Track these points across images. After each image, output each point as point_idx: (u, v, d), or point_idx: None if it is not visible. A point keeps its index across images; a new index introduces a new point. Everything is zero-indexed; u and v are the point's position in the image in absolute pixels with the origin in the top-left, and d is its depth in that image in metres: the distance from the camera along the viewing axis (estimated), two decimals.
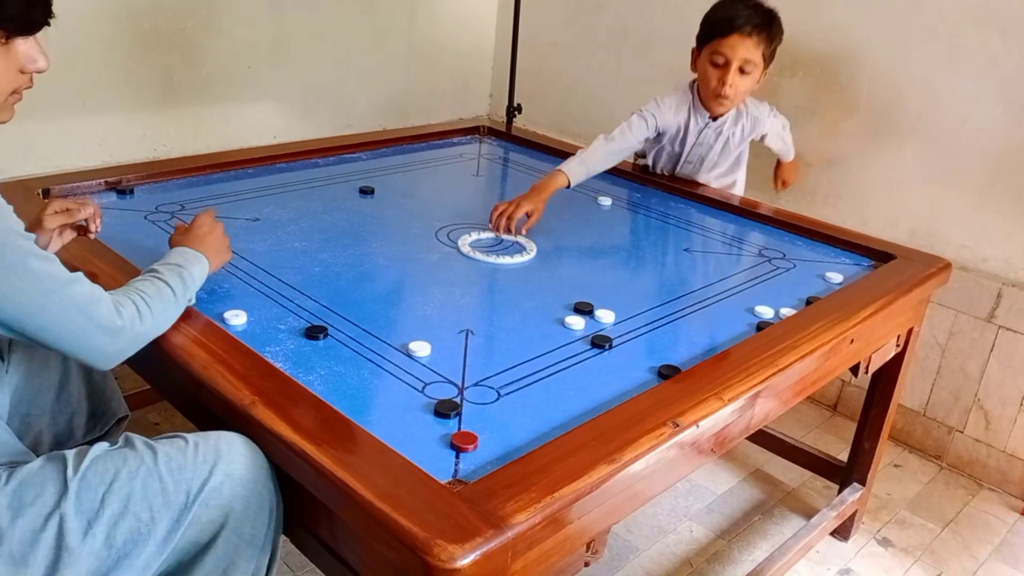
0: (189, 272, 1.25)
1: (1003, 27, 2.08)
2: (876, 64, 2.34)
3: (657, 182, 2.23)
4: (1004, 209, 2.18)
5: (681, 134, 2.15)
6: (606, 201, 2.10)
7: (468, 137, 2.60)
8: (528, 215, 1.82)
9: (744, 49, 1.91)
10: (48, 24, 1.10)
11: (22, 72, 1.11)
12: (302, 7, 2.72)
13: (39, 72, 1.13)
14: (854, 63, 2.38)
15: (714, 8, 1.99)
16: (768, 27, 1.92)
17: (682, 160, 2.21)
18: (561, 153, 2.44)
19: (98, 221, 1.42)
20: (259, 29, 2.64)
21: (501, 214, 1.81)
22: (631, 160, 2.34)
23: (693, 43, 2.08)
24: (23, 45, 1.09)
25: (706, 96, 2.04)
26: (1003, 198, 2.17)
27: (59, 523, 0.98)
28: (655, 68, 2.89)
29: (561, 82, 3.20)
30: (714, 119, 2.09)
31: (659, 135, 2.16)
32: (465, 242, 1.75)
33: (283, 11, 2.68)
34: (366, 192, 2.00)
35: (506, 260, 1.69)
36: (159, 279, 1.21)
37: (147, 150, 2.51)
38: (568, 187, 1.97)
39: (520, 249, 1.73)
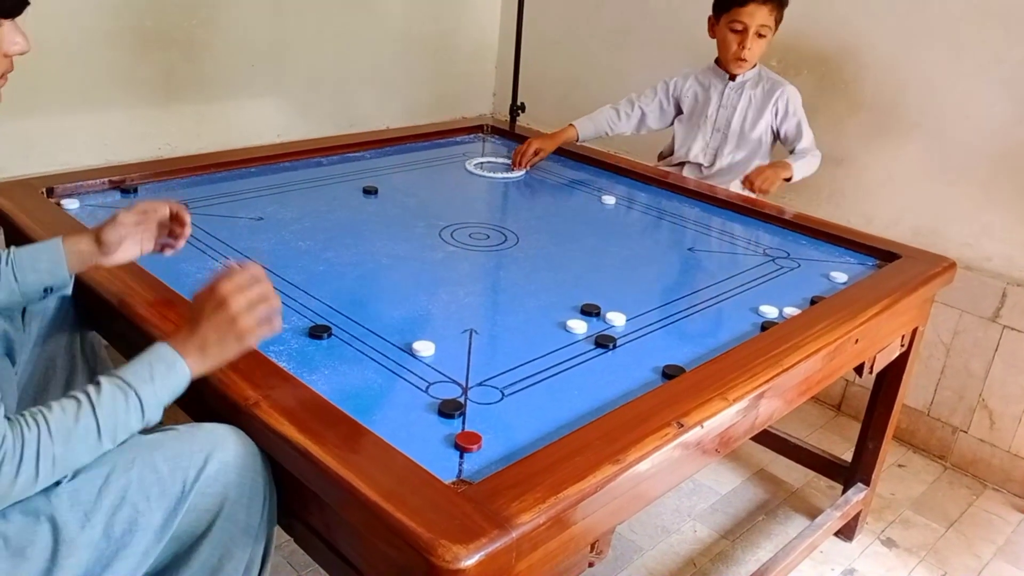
0: (134, 400, 1.01)
1: (1007, 23, 2.08)
2: (880, 61, 2.34)
3: (660, 180, 2.22)
4: (1008, 207, 2.17)
5: (704, 99, 2.32)
6: (610, 200, 2.09)
7: (472, 136, 2.60)
8: (537, 152, 2.28)
9: (760, 15, 2.12)
10: (28, 4, 1.10)
11: (5, 56, 1.10)
12: (305, 5, 2.72)
13: (21, 54, 1.12)
14: (858, 61, 2.37)
15: None
16: None
17: (711, 130, 2.30)
18: (564, 152, 2.44)
19: (184, 235, 1.34)
20: (262, 27, 2.64)
21: (517, 151, 2.28)
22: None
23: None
24: (4, 28, 1.09)
25: (726, 60, 2.24)
26: (1007, 196, 2.17)
27: (55, 516, 0.98)
28: (658, 66, 2.88)
29: (564, 80, 3.20)
30: (732, 79, 2.26)
31: (679, 109, 2.37)
32: (472, 162, 2.22)
33: (286, 9, 2.68)
34: (369, 192, 2.00)
35: (500, 175, 2.21)
36: (89, 412, 0.98)
37: (149, 148, 2.51)
38: (576, 140, 2.40)
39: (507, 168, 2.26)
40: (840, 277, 1.71)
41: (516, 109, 2.83)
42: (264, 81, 2.70)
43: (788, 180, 2.16)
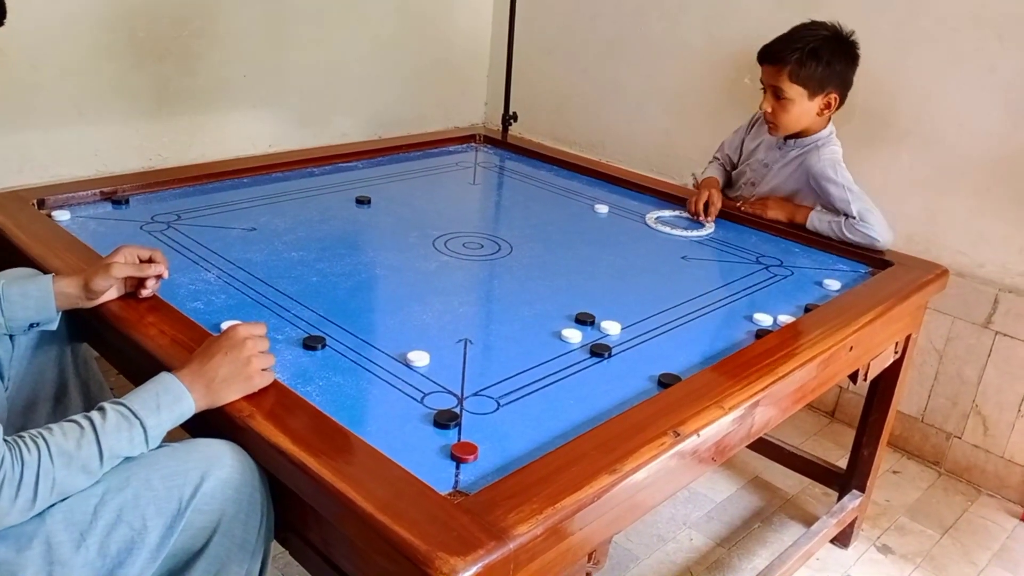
0: (138, 430, 1.02)
1: (1000, 31, 2.09)
2: (872, 69, 2.34)
3: (652, 189, 2.23)
4: (1001, 214, 2.18)
5: (752, 148, 2.16)
6: (603, 208, 2.10)
7: (464, 145, 2.60)
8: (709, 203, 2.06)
9: (769, 75, 1.96)
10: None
11: None
12: (297, 16, 2.72)
13: None
14: None
15: None
16: (800, 58, 1.89)
17: (745, 183, 2.17)
18: (557, 161, 2.44)
19: (164, 275, 1.34)
20: (254, 38, 2.64)
21: (698, 203, 2.05)
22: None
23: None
24: None
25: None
26: (1000, 203, 2.18)
27: (49, 537, 0.97)
28: (651, 77, 2.90)
29: (557, 90, 3.20)
30: (785, 142, 2.07)
31: (741, 153, 2.21)
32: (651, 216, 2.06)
33: (278, 20, 2.68)
34: (363, 202, 2.00)
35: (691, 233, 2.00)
36: (92, 439, 0.99)
37: (142, 159, 2.51)
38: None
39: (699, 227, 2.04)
40: (833, 285, 1.72)
41: (508, 119, 2.84)
42: (257, 92, 2.70)
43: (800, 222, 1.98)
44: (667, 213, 2.09)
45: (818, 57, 1.90)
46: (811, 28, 1.96)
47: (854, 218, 1.90)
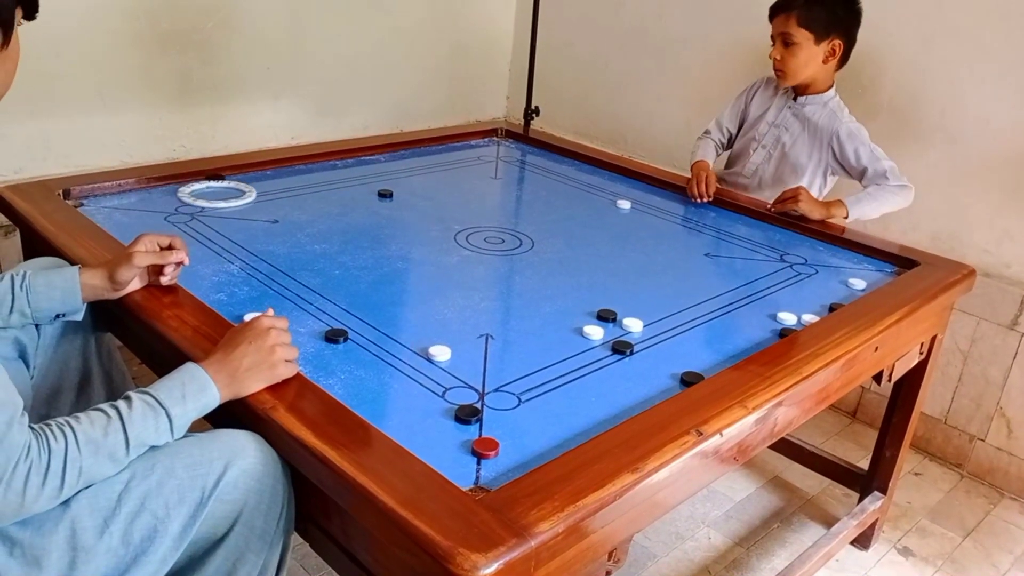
0: (163, 419, 1.03)
1: None
2: (897, 65, 2.32)
3: (675, 185, 2.21)
4: None
5: (763, 113, 2.25)
6: (625, 204, 2.09)
7: (486, 139, 2.59)
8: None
9: (779, 23, 2.08)
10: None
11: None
12: (320, 8, 2.72)
13: None
14: (877, 65, 2.35)
15: None
16: (809, 4, 2.03)
17: (758, 146, 2.24)
18: (579, 156, 2.43)
19: (185, 262, 1.36)
20: (277, 29, 2.65)
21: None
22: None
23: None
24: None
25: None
26: None
27: (73, 523, 0.98)
28: (674, 69, 2.88)
29: (579, 84, 3.19)
30: (795, 99, 2.18)
31: (742, 122, 2.32)
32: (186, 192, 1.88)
33: (301, 11, 2.68)
34: (384, 195, 2.00)
35: None
36: (119, 427, 1.00)
37: (165, 150, 2.52)
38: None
39: None
40: (859, 284, 1.70)
41: (530, 113, 2.83)
42: (280, 83, 2.71)
43: (845, 217, 2.01)
44: None
45: (823, 2, 2.04)
46: None
47: (886, 179, 2.04)
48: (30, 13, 1.11)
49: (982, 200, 2.22)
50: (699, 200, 2.12)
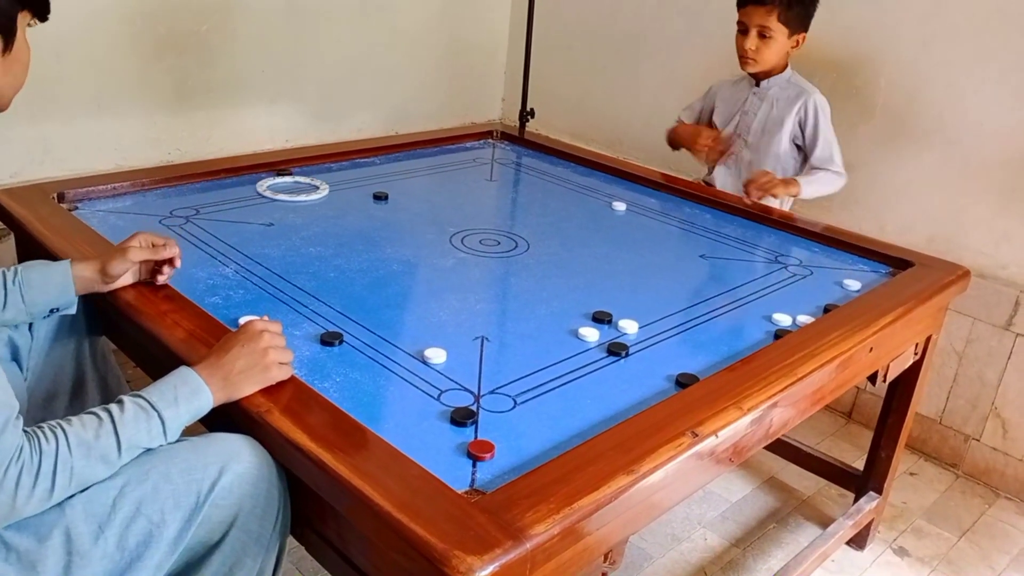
0: (156, 422, 1.03)
1: None
2: (893, 67, 2.32)
3: (670, 187, 2.21)
4: None
5: (730, 100, 2.32)
6: (620, 206, 2.09)
7: (481, 141, 2.59)
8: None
9: (758, 16, 2.10)
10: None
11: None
12: (316, 11, 2.72)
13: None
14: (871, 66, 2.36)
15: None
16: None
17: (737, 139, 2.28)
18: (575, 158, 2.44)
19: (176, 264, 1.37)
20: (273, 33, 2.65)
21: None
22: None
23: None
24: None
25: (739, 61, 2.22)
26: (1023, 204, 2.15)
27: (68, 528, 0.98)
28: (671, 72, 2.89)
29: (575, 87, 3.19)
30: (758, 84, 2.24)
31: (708, 115, 2.37)
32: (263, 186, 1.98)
33: (297, 15, 2.68)
34: (380, 198, 2.00)
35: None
36: (110, 430, 1.00)
37: (161, 153, 2.52)
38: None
39: None
40: (853, 285, 1.70)
41: (526, 115, 2.83)
42: (275, 87, 2.71)
43: (796, 196, 2.15)
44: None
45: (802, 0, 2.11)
46: None
47: (833, 162, 2.16)
48: (41, 14, 1.11)
49: (979, 202, 2.23)
50: (708, 149, 2.24)
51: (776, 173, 2.18)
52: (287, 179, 2.04)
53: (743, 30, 2.15)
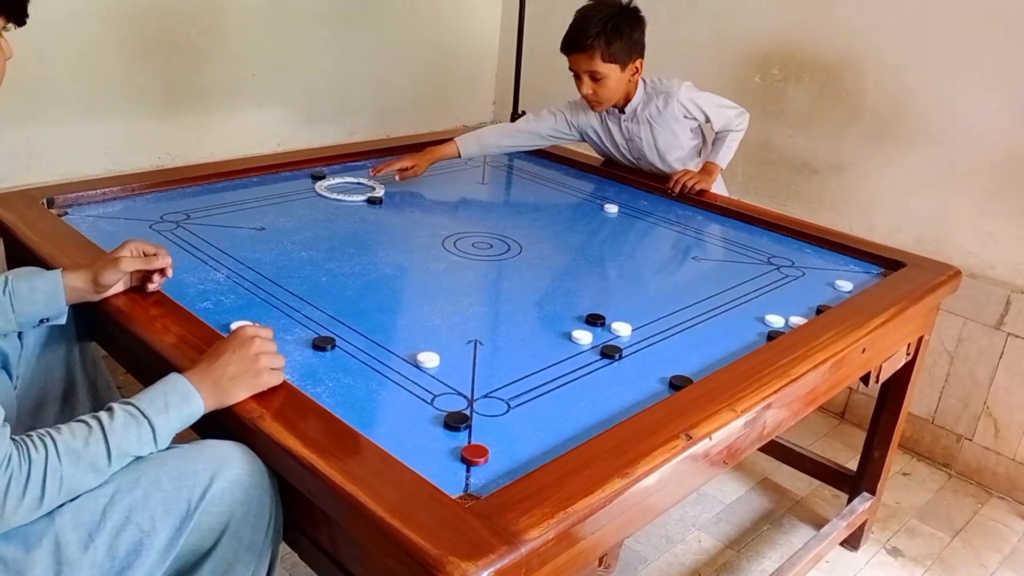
0: (146, 429, 1.02)
1: (1011, 29, 2.08)
2: (882, 69, 2.33)
3: (662, 189, 2.21)
4: (1013, 215, 2.16)
5: (608, 135, 2.27)
6: (612, 209, 2.09)
7: None
8: (407, 168, 2.13)
9: (583, 63, 2.05)
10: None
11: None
12: (305, 14, 2.71)
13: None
14: (859, 68, 2.37)
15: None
16: (604, 39, 2.00)
17: (632, 161, 2.29)
18: (566, 161, 2.43)
19: (168, 273, 1.37)
20: (263, 36, 2.64)
21: (386, 162, 2.14)
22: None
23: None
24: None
25: (587, 105, 2.19)
26: (1012, 204, 2.16)
27: (58, 537, 0.97)
28: (659, 74, 2.88)
29: (565, 89, 3.18)
30: (622, 111, 2.19)
31: (584, 138, 2.32)
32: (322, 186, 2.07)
33: (286, 18, 2.67)
34: (374, 202, 1.99)
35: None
36: (100, 437, 0.98)
37: (150, 158, 2.50)
38: (458, 157, 2.26)
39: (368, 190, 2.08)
40: (845, 286, 1.70)
41: (517, 117, 2.83)
42: (265, 90, 2.70)
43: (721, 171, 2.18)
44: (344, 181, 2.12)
45: (620, 33, 2.02)
46: (598, 9, 2.04)
47: (732, 120, 2.16)
48: (18, 19, 1.10)
49: (967, 202, 2.24)
50: (372, 171, 2.11)
51: (690, 167, 2.21)
52: (347, 180, 2.12)
53: (576, 75, 2.09)
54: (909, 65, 2.27)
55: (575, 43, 2.04)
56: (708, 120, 2.19)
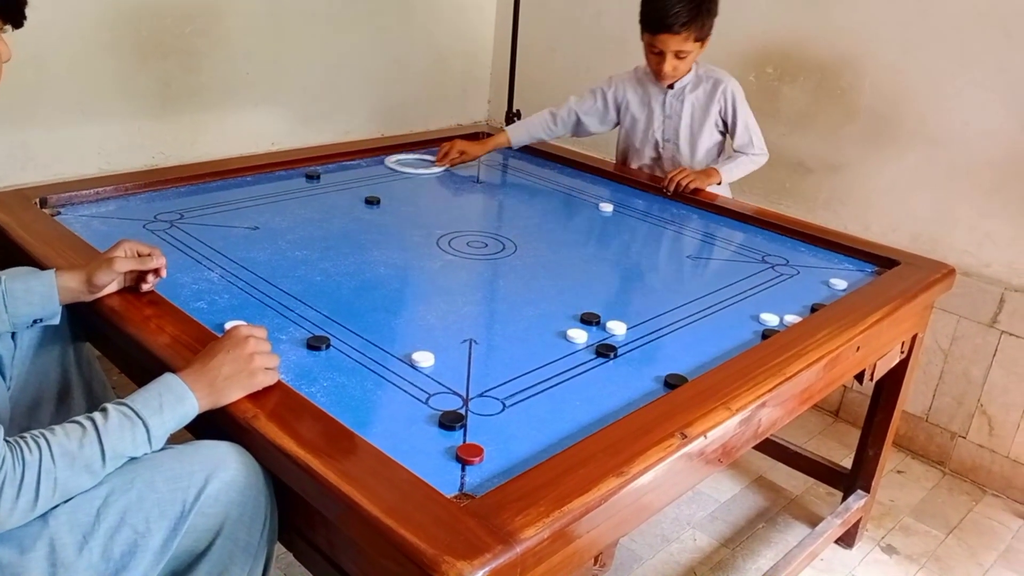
0: (141, 430, 1.02)
1: (1009, 30, 2.08)
2: (878, 69, 2.34)
3: (657, 188, 2.22)
4: (1007, 214, 2.17)
5: (647, 111, 2.28)
6: (607, 208, 2.09)
7: None
8: (461, 153, 2.29)
9: (675, 43, 2.07)
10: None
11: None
12: (300, 13, 2.71)
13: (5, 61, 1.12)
14: (856, 68, 2.37)
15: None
16: (695, 19, 2.03)
17: (661, 141, 2.28)
18: (561, 160, 2.43)
19: (162, 274, 1.36)
20: (257, 35, 2.63)
21: (441, 148, 2.30)
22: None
23: None
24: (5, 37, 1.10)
25: (655, 76, 2.21)
26: (1006, 203, 2.17)
27: (52, 539, 0.97)
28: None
29: (560, 88, 3.18)
30: (671, 87, 2.22)
31: (619, 117, 2.34)
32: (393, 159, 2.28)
33: (281, 17, 2.67)
34: (372, 202, 1.99)
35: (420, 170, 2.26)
36: (94, 438, 0.98)
37: (145, 157, 2.50)
38: (509, 147, 2.39)
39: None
40: (840, 284, 1.71)
41: (512, 116, 2.83)
42: (259, 90, 2.69)
43: (719, 183, 2.18)
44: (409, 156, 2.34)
45: (709, 12, 2.07)
46: None
47: (752, 146, 2.19)
48: (16, 20, 1.09)
49: (963, 202, 2.24)
50: (437, 163, 2.29)
51: (707, 165, 2.22)
52: (412, 155, 2.35)
53: (658, 53, 2.10)
54: (905, 65, 2.28)
55: (667, 25, 2.03)
56: (732, 131, 2.21)
